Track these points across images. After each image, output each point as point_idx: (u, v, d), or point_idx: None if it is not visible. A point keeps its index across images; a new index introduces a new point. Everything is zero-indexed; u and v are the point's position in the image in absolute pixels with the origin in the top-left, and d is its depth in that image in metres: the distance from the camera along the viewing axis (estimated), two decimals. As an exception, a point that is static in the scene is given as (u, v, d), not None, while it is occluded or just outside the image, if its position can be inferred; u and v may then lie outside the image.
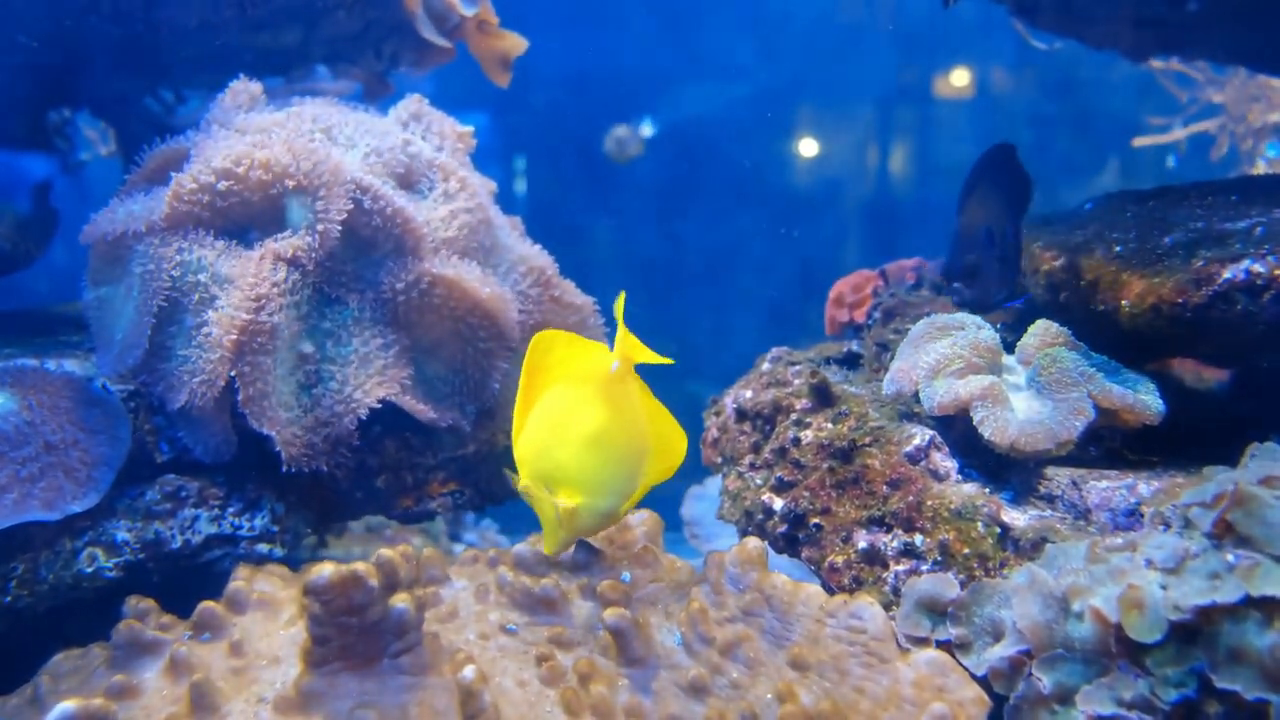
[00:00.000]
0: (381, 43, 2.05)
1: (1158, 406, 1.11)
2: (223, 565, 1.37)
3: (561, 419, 1.14)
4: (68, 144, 2.31)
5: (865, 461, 1.14)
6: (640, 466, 1.15)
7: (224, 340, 1.25)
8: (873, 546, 1.09)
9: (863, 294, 1.81)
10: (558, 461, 1.14)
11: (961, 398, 1.10)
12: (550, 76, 3.72)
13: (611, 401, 1.14)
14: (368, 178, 1.37)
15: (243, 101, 1.50)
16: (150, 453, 1.39)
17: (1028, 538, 1.03)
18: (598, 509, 1.14)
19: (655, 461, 1.15)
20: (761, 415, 1.30)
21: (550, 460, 1.14)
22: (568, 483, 1.14)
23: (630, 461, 1.15)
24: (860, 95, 4.13)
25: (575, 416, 1.14)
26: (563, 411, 1.14)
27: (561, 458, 1.13)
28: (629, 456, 1.15)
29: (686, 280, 4.18)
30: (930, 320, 1.25)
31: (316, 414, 1.33)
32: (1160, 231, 1.21)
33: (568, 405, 1.14)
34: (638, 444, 1.15)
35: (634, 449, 1.15)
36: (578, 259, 3.97)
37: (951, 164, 4.22)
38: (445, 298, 1.38)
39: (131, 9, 1.54)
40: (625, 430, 1.14)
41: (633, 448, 1.15)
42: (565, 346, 1.16)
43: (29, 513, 1.23)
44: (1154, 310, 1.13)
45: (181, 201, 1.34)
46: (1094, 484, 1.08)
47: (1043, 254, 1.32)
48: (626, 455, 1.15)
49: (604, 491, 1.14)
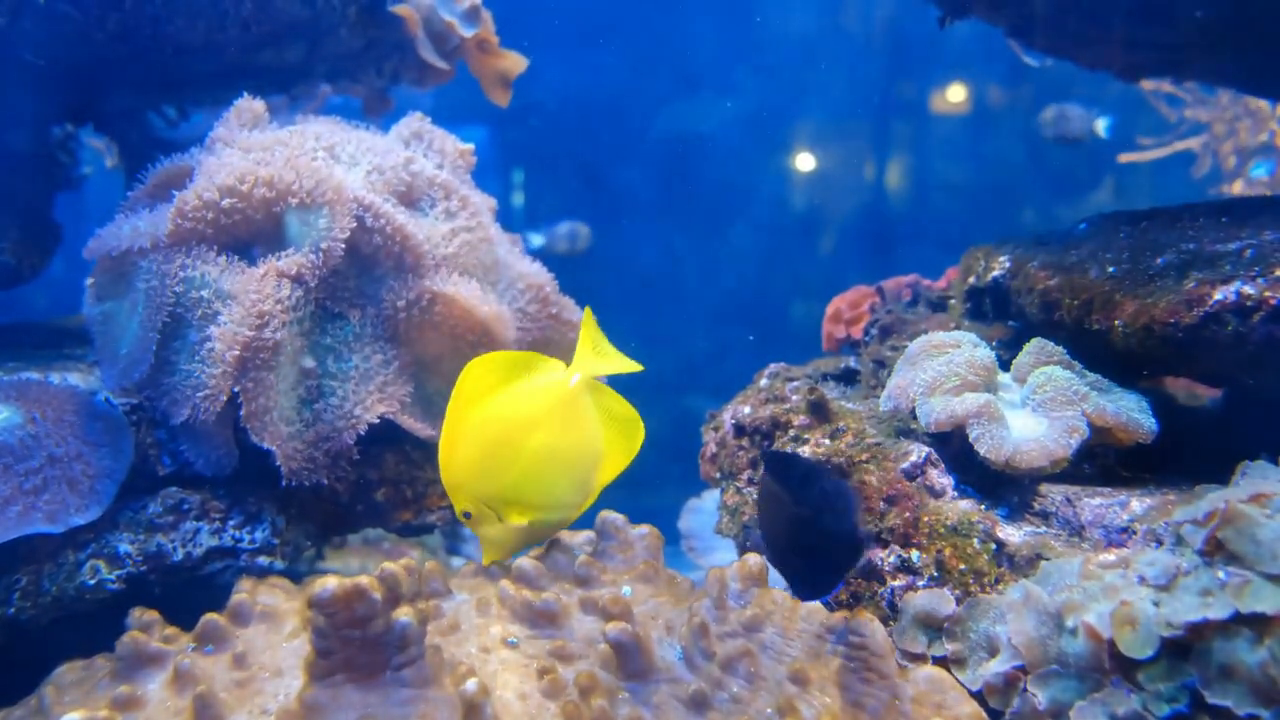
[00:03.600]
0: (383, 61, 2.08)
1: (1151, 425, 1.13)
2: (224, 578, 1.38)
3: (503, 441, 1.15)
4: (71, 158, 2.32)
5: (862, 478, 1.15)
6: (593, 473, 1.18)
7: (227, 356, 1.26)
8: (870, 562, 1.11)
9: (860, 310, 1.82)
10: (504, 483, 1.15)
11: (958, 415, 1.12)
12: (549, 92, 3.74)
13: (561, 416, 1.15)
14: (370, 195, 1.39)
15: (247, 120, 1.52)
16: (152, 465, 1.40)
17: (1023, 554, 1.04)
18: (550, 522, 1.18)
19: (612, 457, 1.18)
20: (760, 431, 1.31)
21: (494, 483, 1.15)
22: (517, 503, 1.16)
23: (582, 472, 1.18)
24: (856, 111, 4.17)
25: (521, 436, 1.14)
26: (504, 433, 1.15)
27: (508, 479, 1.14)
28: (581, 468, 1.17)
29: (684, 295, 4.20)
30: (927, 338, 1.27)
31: (317, 429, 1.34)
32: (1153, 253, 1.23)
33: (510, 427, 1.15)
34: (590, 455, 1.17)
35: (586, 460, 1.17)
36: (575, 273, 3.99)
37: (947, 180, 4.25)
38: (445, 315, 1.39)
39: (138, 27, 1.56)
40: (577, 443, 1.16)
41: (585, 459, 1.17)
42: (508, 368, 1.17)
43: (33, 525, 1.24)
44: (1146, 330, 1.15)
45: (185, 218, 1.35)
46: (1088, 501, 1.10)
47: (1037, 273, 1.34)
48: (578, 467, 1.17)
49: (557, 506, 1.17)
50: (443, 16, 2.03)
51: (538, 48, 3.69)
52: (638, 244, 4.18)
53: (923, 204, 4.21)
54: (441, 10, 2.04)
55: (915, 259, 3.51)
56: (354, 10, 1.86)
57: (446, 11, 2.05)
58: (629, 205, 4.17)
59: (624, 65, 4.05)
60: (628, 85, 4.07)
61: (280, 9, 1.70)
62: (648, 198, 4.20)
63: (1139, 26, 1.87)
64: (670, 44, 4.16)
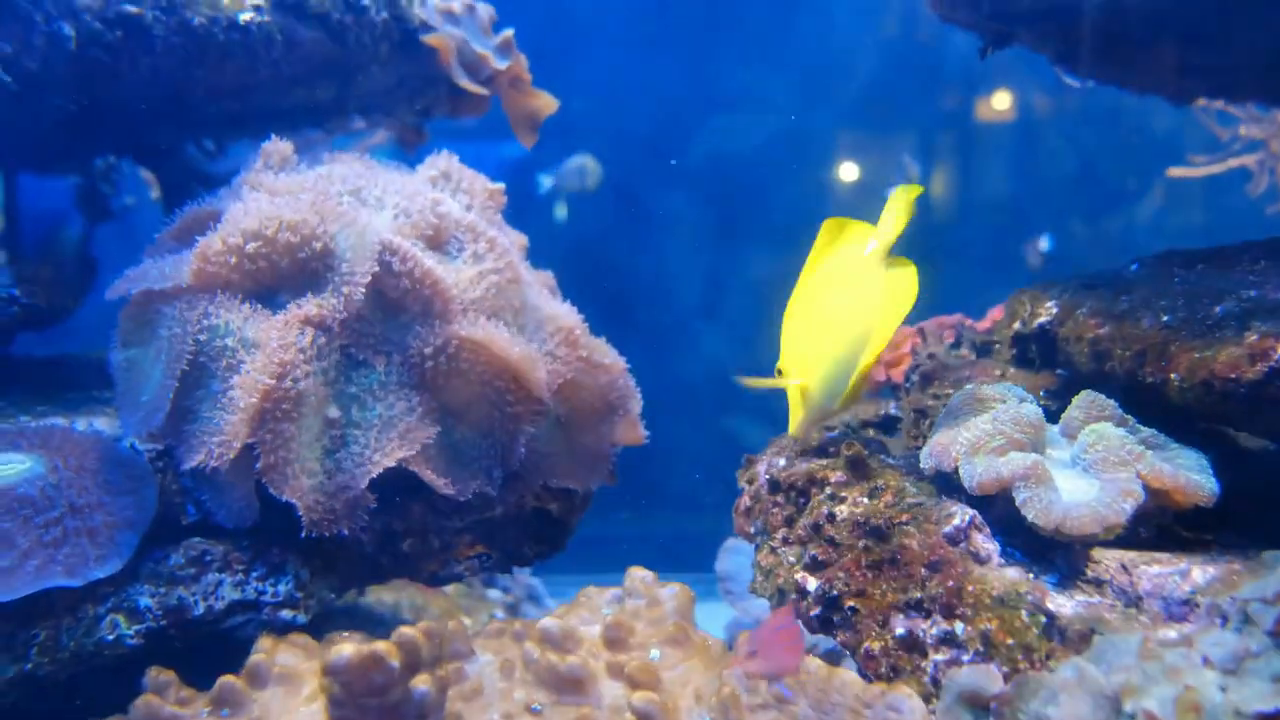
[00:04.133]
0: (416, 95, 2.07)
1: (1212, 487, 1.06)
2: (245, 632, 1.35)
3: (814, 301, 1.24)
4: (113, 189, 2.33)
5: (903, 541, 1.10)
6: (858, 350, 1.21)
7: (245, 403, 1.24)
8: (911, 633, 1.05)
9: (900, 352, 1.76)
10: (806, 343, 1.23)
11: (1004, 477, 1.06)
12: (587, 110, 3.72)
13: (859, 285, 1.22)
14: (396, 239, 1.36)
15: (274, 162, 1.50)
16: (176, 514, 1.38)
17: (1075, 628, 0.98)
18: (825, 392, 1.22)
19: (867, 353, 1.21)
20: (795, 488, 1.26)
21: (800, 341, 1.24)
22: (807, 364, 1.23)
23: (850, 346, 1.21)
24: (899, 129, 4.09)
25: (826, 299, 1.23)
26: (816, 294, 1.25)
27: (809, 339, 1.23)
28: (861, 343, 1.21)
29: (722, 315, 4.15)
30: (970, 391, 1.21)
31: (338, 479, 1.31)
32: (1210, 300, 1.17)
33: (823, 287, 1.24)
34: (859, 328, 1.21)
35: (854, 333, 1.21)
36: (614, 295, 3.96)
37: (992, 193, 4.15)
38: (474, 361, 1.36)
39: (169, 70, 1.56)
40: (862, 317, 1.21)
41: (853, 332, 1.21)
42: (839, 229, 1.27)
43: (51, 579, 1.22)
44: (1205, 385, 1.08)
45: (209, 263, 1.33)
46: (1145, 569, 1.03)
47: (1086, 321, 1.28)
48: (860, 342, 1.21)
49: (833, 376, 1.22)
50: (475, 49, 2.02)
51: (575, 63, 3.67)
52: (676, 263, 4.13)
53: (966, 219, 4.12)
54: (474, 43, 2.02)
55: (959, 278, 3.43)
56: (385, 47, 1.84)
57: (479, 44, 2.03)
58: (667, 224, 4.13)
59: (664, 83, 4.01)
60: (668, 102, 4.03)
61: (311, 49, 1.69)
62: (686, 216, 4.16)
63: (1191, 52, 1.80)
64: (712, 61, 4.12)
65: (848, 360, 1.21)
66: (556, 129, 2.23)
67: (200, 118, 2.00)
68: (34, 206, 2.21)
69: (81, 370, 1.85)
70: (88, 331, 2.04)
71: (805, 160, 4.12)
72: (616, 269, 4.06)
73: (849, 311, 1.22)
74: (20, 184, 2.18)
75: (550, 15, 3.76)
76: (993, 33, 1.78)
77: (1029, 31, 1.78)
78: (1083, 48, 1.88)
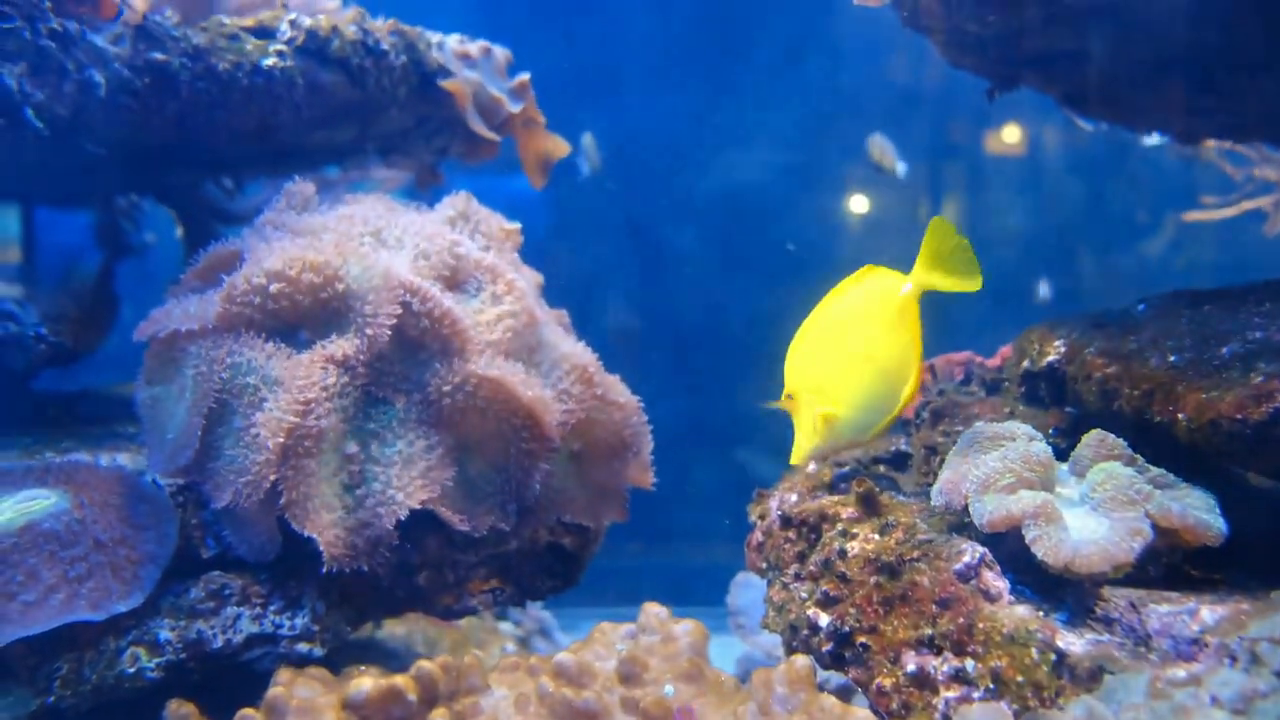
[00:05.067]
0: (433, 136, 2.11)
1: (1220, 527, 1.07)
2: (263, 664, 1.37)
3: (842, 332, 1.24)
4: (135, 227, 2.38)
5: (914, 578, 1.11)
6: (900, 390, 1.23)
7: (270, 443, 1.26)
8: (922, 670, 1.06)
9: (910, 388, 1.78)
10: (829, 370, 1.23)
11: (1014, 515, 1.07)
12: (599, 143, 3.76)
13: (892, 321, 1.23)
14: (416, 280, 1.39)
15: (296, 203, 1.54)
16: (196, 548, 1.40)
17: (1084, 666, 0.99)
18: (856, 423, 1.24)
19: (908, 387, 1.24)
20: (807, 523, 1.27)
21: (822, 369, 1.23)
22: (834, 392, 1.23)
23: (896, 383, 1.23)
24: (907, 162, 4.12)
25: (857, 331, 1.24)
26: (845, 325, 1.25)
27: (835, 367, 1.23)
28: (896, 377, 1.23)
29: (733, 348, 4.17)
30: (979, 430, 1.23)
31: (359, 515, 1.33)
32: (1217, 341, 1.18)
33: (851, 319, 1.24)
34: (905, 368, 1.23)
35: (901, 371, 1.23)
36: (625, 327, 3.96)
37: (1001, 226, 4.16)
38: (490, 400, 1.38)
39: (194, 114, 1.60)
40: (899, 351, 1.23)
41: (901, 370, 1.23)
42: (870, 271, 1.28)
43: (75, 613, 1.24)
44: (1212, 426, 1.10)
45: (234, 303, 1.36)
46: (1154, 607, 1.04)
47: (1094, 360, 1.30)
48: (894, 375, 1.23)
49: (867, 407, 1.23)
50: (491, 92, 2.06)
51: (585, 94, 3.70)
52: (686, 297, 4.16)
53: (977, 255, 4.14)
54: (490, 86, 2.06)
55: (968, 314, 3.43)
56: (404, 90, 1.89)
57: (494, 87, 2.08)
58: (678, 258, 4.16)
59: (673, 116, 4.06)
60: (677, 136, 4.07)
61: (331, 93, 1.73)
62: (697, 251, 4.19)
63: (1198, 95, 1.83)
64: (723, 94, 4.17)
65: (883, 394, 1.24)
66: (568, 165, 2.26)
67: (221, 158, 2.05)
68: (58, 245, 2.26)
69: (103, 405, 1.88)
70: (108, 365, 2.08)
71: (814, 195, 4.15)
72: (628, 302, 4.09)
73: (884, 345, 1.23)
74: (45, 222, 2.23)
75: (564, 54, 3.82)
76: (1000, 77, 1.81)
77: (1035, 75, 1.82)
78: (1088, 90, 1.91)
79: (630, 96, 4.05)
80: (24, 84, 1.35)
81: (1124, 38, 1.60)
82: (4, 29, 1.31)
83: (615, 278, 4.12)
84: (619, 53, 4.04)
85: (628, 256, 4.17)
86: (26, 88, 1.35)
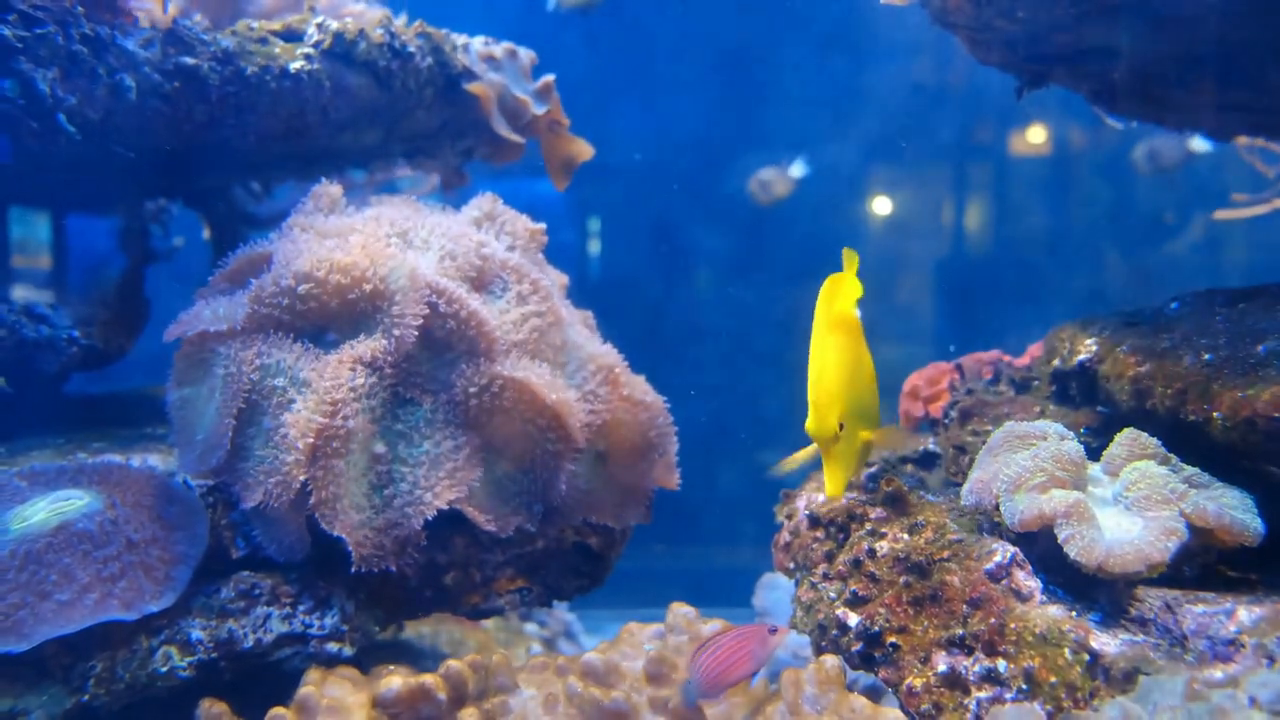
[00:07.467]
0: (458, 139, 2.12)
1: (1256, 527, 1.06)
2: (292, 664, 1.38)
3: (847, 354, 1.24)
4: (163, 230, 2.40)
5: (944, 578, 1.10)
6: None
7: (299, 444, 1.27)
8: (953, 670, 1.05)
9: (938, 388, 1.77)
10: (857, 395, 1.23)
11: (1045, 514, 1.06)
12: (624, 144, 3.77)
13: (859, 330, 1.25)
14: (443, 281, 1.39)
15: (324, 205, 1.55)
16: (226, 548, 1.41)
17: (1119, 667, 0.98)
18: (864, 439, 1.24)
19: None
20: (835, 523, 1.27)
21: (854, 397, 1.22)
22: (863, 418, 1.23)
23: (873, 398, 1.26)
24: (933, 165, 4.10)
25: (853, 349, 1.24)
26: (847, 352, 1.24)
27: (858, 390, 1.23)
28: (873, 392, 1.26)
29: (756, 352, 4.15)
30: (1010, 429, 1.21)
31: (387, 515, 1.34)
32: (1252, 339, 1.17)
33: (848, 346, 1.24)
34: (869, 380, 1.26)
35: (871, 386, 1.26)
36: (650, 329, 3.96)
37: (1028, 228, 4.13)
38: (516, 400, 1.38)
39: (223, 117, 1.61)
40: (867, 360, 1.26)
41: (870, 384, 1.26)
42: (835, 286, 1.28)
43: (109, 613, 1.25)
44: (1248, 424, 1.08)
45: (262, 305, 1.37)
46: (1190, 608, 1.03)
47: (1127, 359, 1.28)
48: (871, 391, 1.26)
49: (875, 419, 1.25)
50: (515, 94, 2.06)
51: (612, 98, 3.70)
52: (711, 298, 4.16)
53: (1003, 255, 4.10)
54: (514, 88, 2.07)
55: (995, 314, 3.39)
56: (430, 93, 1.89)
57: (519, 89, 2.08)
58: (703, 259, 4.16)
59: (699, 119, 4.06)
60: (703, 139, 4.07)
61: (358, 95, 1.74)
62: (721, 252, 4.19)
63: (1228, 91, 1.81)
64: (748, 97, 4.16)
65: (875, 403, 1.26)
66: (593, 166, 2.26)
67: (249, 161, 2.06)
68: (88, 248, 2.29)
69: (133, 406, 1.90)
70: (137, 367, 2.10)
71: (839, 196, 4.14)
72: (653, 303, 4.09)
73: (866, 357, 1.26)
74: (75, 226, 2.25)
75: (589, 57, 3.83)
76: (1029, 74, 1.80)
77: (1064, 72, 1.80)
78: (1118, 86, 1.89)
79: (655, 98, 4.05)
80: (56, 88, 1.36)
81: (1155, 32, 1.59)
82: (37, 34, 1.33)
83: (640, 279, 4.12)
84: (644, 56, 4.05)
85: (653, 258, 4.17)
86: (59, 92, 1.37)
